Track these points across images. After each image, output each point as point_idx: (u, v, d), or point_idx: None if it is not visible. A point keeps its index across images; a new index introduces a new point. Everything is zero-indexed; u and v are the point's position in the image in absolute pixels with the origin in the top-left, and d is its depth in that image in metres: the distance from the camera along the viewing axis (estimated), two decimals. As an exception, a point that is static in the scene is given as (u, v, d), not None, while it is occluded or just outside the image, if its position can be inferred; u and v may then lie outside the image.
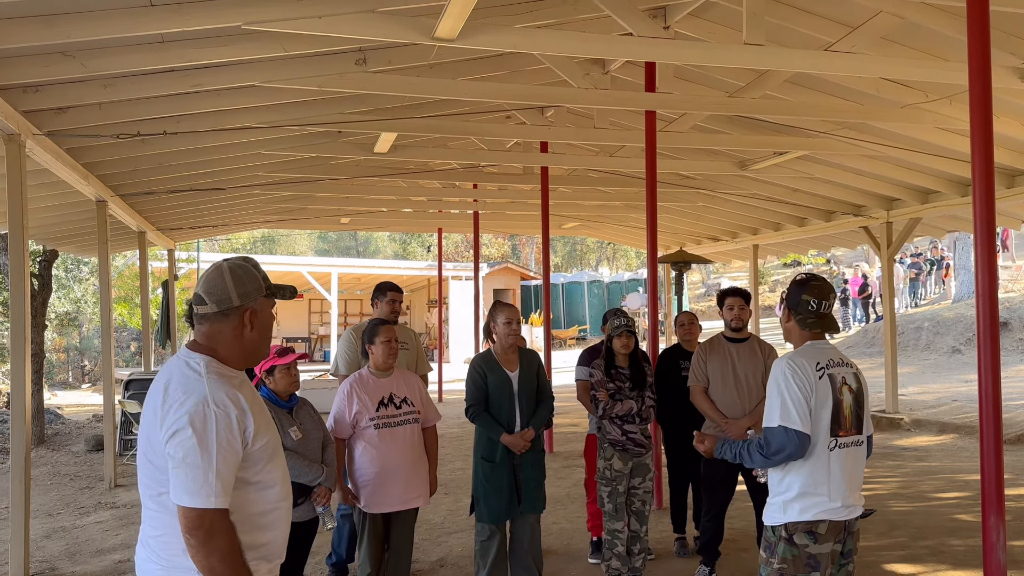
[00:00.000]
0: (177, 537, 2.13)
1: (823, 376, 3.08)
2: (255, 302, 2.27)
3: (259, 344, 2.31)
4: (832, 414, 3.06)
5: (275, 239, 45.35)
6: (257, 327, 2.28)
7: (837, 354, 3.21)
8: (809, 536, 3.04)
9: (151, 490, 2.20)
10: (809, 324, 3.19)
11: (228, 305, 2.23)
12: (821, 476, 3.04)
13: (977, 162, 4.04)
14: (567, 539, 6.29)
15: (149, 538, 2.22)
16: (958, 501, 7.34)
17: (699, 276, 39.15)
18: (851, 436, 3.11)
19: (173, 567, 2.18)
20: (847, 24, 5.83)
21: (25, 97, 5.60)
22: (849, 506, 3.09)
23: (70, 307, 19.65)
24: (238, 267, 2.27)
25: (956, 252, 23.08)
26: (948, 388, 14.49)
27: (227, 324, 2.24)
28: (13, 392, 5.70)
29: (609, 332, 5.16)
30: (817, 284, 3.21)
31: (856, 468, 3.14)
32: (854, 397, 3.14)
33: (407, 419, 4.49)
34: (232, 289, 2.24)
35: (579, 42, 5.52)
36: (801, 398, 3.02)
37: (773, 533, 3.11)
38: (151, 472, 2.18)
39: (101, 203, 8.67)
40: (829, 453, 3.05)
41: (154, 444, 2.16)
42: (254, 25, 4.71)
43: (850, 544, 3.16)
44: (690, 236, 16.55)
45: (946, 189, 9.85)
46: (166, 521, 2.16)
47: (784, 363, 3.10)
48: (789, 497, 3.07)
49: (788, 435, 3.01)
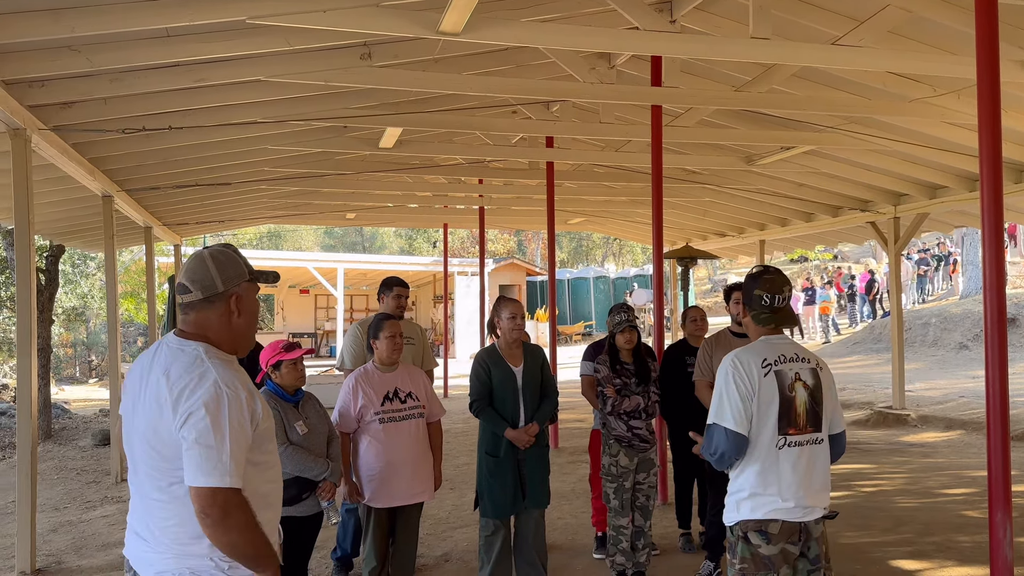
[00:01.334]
0: (190, 524, 2.16)
1: (768, 373, 2.99)
2: (239, 287, 2.29)
3: (247, 329, 2.33)
4: (780, 412, 2.97)
5: (281, 234, 45.41)
6: (244, 312, 2.31)
7: (792, 349, 3.10)
8: (761, 536, 2.96)
9: (159, 481, 2.21)
10: (763, 319, 3.09)
11: (213, 291, 2.26)
12: (771, 475, 2.96)
13: (985, 157, 4.01)
14: (572, 534, 6.28)
15: (156, 529, 2.23)
16: (965, 497, 7.31)
17: (705, 272, 39.10)
18: (806, 434, 3.01)
19: (185, 555, 2.20)
20: (854, 18, 5.79)
21: (31, 92, 5.61)
22: (805, 507, 2.98)
23: (77, 302, 19.72)
24: (220, 253, 2.30)
25: (964, 248, 22.98)
26: (955, 384, 14.43)
27: (213, 310, 2.27)
28: (20, 387, 5.72)
29: (612, 328, 5.15)
30: (770, 277, 3.11)
31: (813, 467, 3.02)
32: (809, 394, 3.03)
33: (412, 414, 4.49)
34: (216, 275, 2.26)
35: (585, 36, 5.51)
36: (738, 398, 2.95)
37: (731, 533, 3.06)
38: (158, 463, 2.19)
39: (107, 198, 8.69)
40: (778, 451, 2.96)
41: (162, 433, 2.17)
42: (259, 19, 4.71)
43: (816, 549, 3.02)
44: (696, 232, 16.52)
45: (954, 184, 9.80)
46: (177, 510, 2.18)
47: (728, 361, 3.04)
48: (742, 496, 3.01)
49: (719, 433, 2.96)
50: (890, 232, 11.54)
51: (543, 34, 5.41)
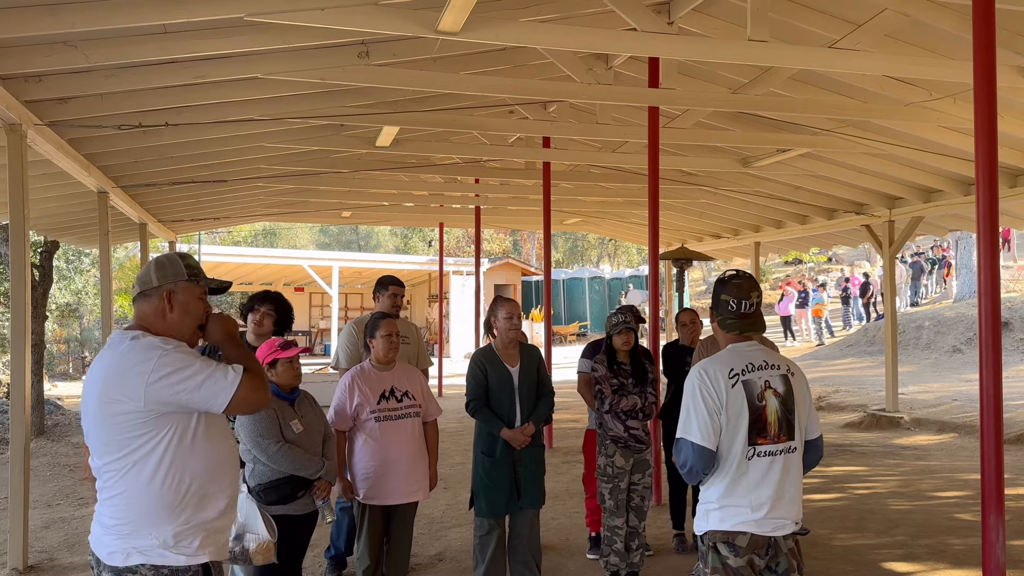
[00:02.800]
0: (135, 505, 2.36)
1: (736, 384, 2.89)
2: (173, 284, 2.50)
3: (181, 326, 2.52)
4: (750, 422, 2.88)
5: (276, 232, 45.34)
6: (176, 308, 2.50)
7: (762, 356, 2.98)
8: (728, 548, 2.88)
9: (103, 459, 2.38)
10: (728, 325, 2.98)
11: (148, 286, 2.51)
12: (739, 486, 2.88)
13: (981, 161, 4.02)
14: (566, 535, 6.29)
15: (105, 511, 2.40)
16: (958, 500, 7.34)
17: (700, 273, 39.14)
18: (779, 443, 2.92)
19: (130, 534, 2.36)
20: (852, 21, 5.80)
21: (27, 87, 5.59)
22: (776, 519, 2.89)
23: (71, 298, 19.65)
24: (164, 256, 2.58)
25: (958, 251, 23.05)
26: (948, 387, 14.47)
27: (148, 304, 2.51)
28: (13, 382, 5.70)
29: (609, 329, 5.16)
30: (737, 282, 2.99)
31: (786, 478, 2.92)
32: (781, 401, 2.93)
33: (408, 412, 4.49)
34: (153, 273, 2.52)
35: (582, 37, 5.51)
36: (705, 411, 2.85)
37: (701, 542, 2.98)
38: (104, 442, 2.37)
39: (102, 194, 8.66)
40: (747, 462, 2.88)
41: (101, 412, 2.36)
42: (256, 16, 4.70)
43: (784, 564, 2.93)
44: (692, 233, 16.54)
45: (949, 188, 9.83)
46: (120, 489, 2.37)
47: (695, 372, 2.94)
48: (711, 506, 2.94)
49: (687, 447, 2.87)
50: (884, 235, 11.57)
51: (541, 34, 5.41)
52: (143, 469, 2.35)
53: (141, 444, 2.35)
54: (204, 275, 2.59)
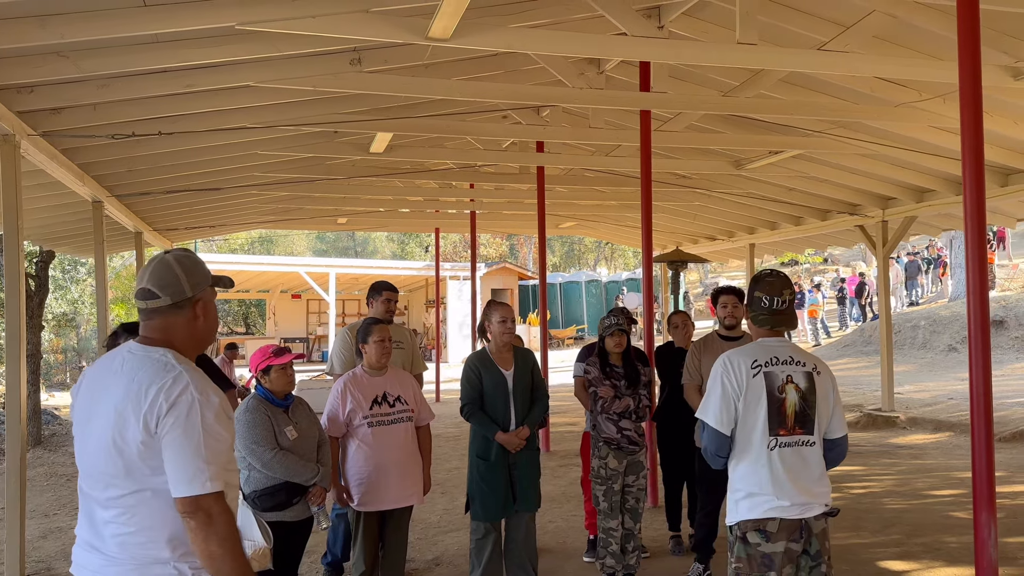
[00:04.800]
0: (153, 532, 2.15)
1: (757, 374, 3.03)
2: (204, 292, 2.29)
3: (208, 334, 2.33)
4: (768, 412, 3.01)
5: (273, 239, 45.31)
6: (208, 317, 2.30)
7: (788, 352, 3.13)
8: (760, 535, 3.00)
9: (119, 491, 2.17)
10: (761, 320, 3.15)
11: (182, 296, 2.24)
12: (763, 475, 3.00)
13: (968, 160, 4.05)
14: (562, 537, 6.30)
15: (114, 542, 2.18)
16: (953, 498, 7.36)
17: (696, 275, 39.18)
18: (795, 435, 3.04)
19: (148, 564, 2.16)
20: (840, 23, 5.84)
21: (19, 97, 5.60)
22: (802, 504, 3.01)
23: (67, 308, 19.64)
24: (185, 258, 2.29)
25: (952, 250, 23.10)
26: (944, 386, 14.51)
27: (181, 316, 2.25)
28: (9, 393, 5.70)
29: (601, 331, 5.18)
30: (770, 280, 3.16)
31: (807, 467, 3.05)
32: (800, 396, 3.05)
33: (401, 417, 4.50)
34: (184, 281, 2.24)
35: (573, 42, 5.54)
36: (722, 396, 3.02)
37: (730, 533, 3.12)
38: (119, 473, 2.15)
39: (97, 204, 8.67)
40: (769, 452, 3.01)
41: (125, 443, 2.13)
42: (247, 25, 4.72)
43: (817, 545, 3.05)
44: (687, 236, 16.58)
45: (941, 188, 9.87)
46: (138, 520, 2.16)
47: (721, 360, 3.11)
48: (739, 496, 3.06)
49: (705, 429, 3.06)
50: (878, 235, 11.61)
51: (532, 40, 5.44)
52: (157, 500, 2.15)
53: (161, 482, 2.14)
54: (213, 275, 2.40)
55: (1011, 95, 6.76)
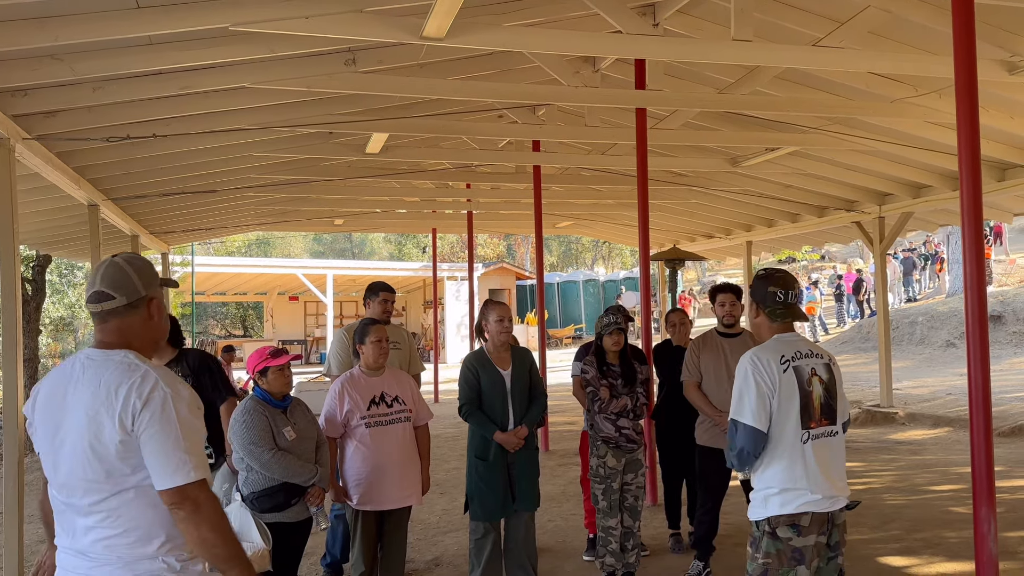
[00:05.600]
0: (136, 530, 2.18)
1: (788, 370, 3.07)
2: (156, 291, 2.34)
3: (161, 332, 2.37)
4: (801, 407, 3.06)
5: (270, 242, 45.28)
6: (160, 315, 2.35)
7: (806, 345, 3.20)
8: (792, 529, 3.02)
9: (99, 495, 2.18)
10: (778, 315, 3.20)
11: (137, 296, 2.28)
12: (799, 470, 3.04)
13: (964, 155, 4.05)
14: (562, 537, 6.29)
15: (98, 546, 2.20)
16: (952, 494, 7.36)
17: (694, 274, 39.18)
18: (823, 427, 3.11)
19: (133, 562, 2.19)
20: (835, 19, 5.83)
21: (14, 101, 5.58)
22: (831, 497, 3.08)
23: (65, 312, 19.61)
24: (134, 259, 2.34)
25: (949, 246, 23.11)
26: (942, 382, 14.52)
27: (136, 316, 2.28)
28: (6, 398, 5.68)
29: (599, 330, 5.17)
30: (781, 275, 3.24)
31: (834, 458, 3.13)
32: (824, 388, 3.14)
33: (399, 417, 4.50)
34: (137, 280, 2.29)
35: (568, 40, 5.54)
36: (757, 394, 3.02)
37: (757, 528, 3.11)
38: (98, 477, 2.17)
39: (93, 207, 8.64)
40: (803, 446, 3.05)
41: (102, 447, 2.15)
42: (241, 26, 4.71)
43: (836, 536, 3.13)
44: (684, 234, 16.58)
45: (937, 183, 9.88)
46: (120, 522, 2.18)
47: (747, 359, 3.11)
48: (771, 492, 3.07)
49: (741, 430, 3.04)
50: (875, 232, 11.61)
51: (526, 38, 5.43)
52: (141, 498, 2.18)
53: (141, 479, 2.17)
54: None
55: (1007, 89, 6.76)
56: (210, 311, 36.53)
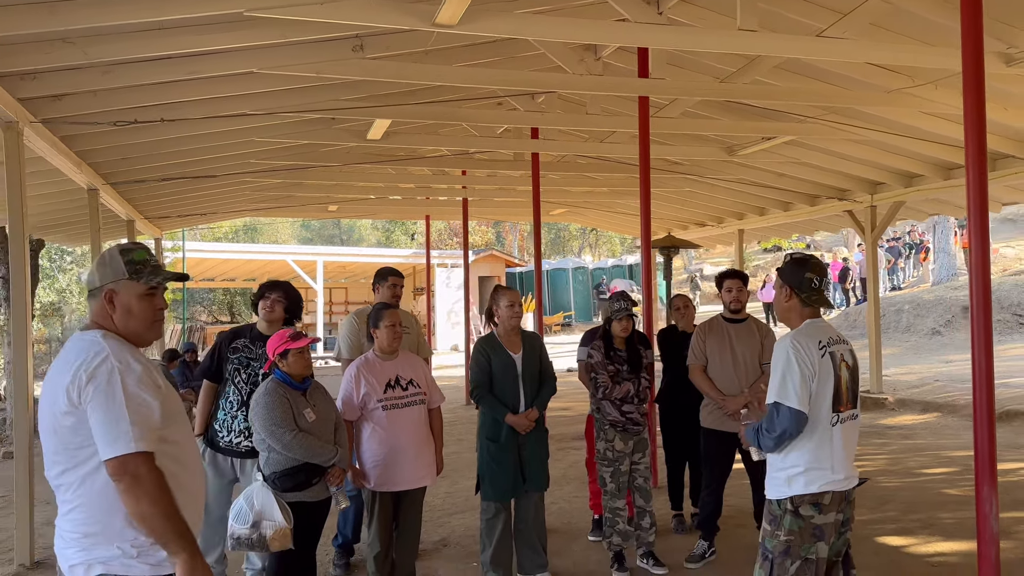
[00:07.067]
0: (94, 511, 2.23)
1: (825, 354, 3.18)
2: (115, 284, 2.37)
3: (128, 325, 2.38)
4: (833, 391, 3.17)
5: (257, 228, 45.01)
6: (119, 309, 2.37)
7: (834, 332, 3.32)
8: (815, 508, 3.14)
9: (60, 467, 2.26)
10: (813, 301, 3.28)
11: (92, 286, 2.40)
12: (825, 451, 3.15)
13: (971, 145, 4.16)
14: (567, 518, 6.40)
15: (64, 521, 2.28)
16: (945, 476, 7.53)
17: (680, 262, 39.31)
18: (848, 410, 3.23)
19: (91, 545, 2.24)
20: (838, 10, 5.91)
21: (23, 84, 5.59)
22: (849, 476, 3.21)
23: (55, 297, 19.49)
24: (106, 252, 2.43)
25: (935, 236, 23.36)
26: (930, 368, 14.74)
27: (96, 303, 2.39)
28: (16, 381, 5.72)
29: (609, 315, 5.24)
30: (816, 261, 3.32)
31: (853, 440, 3.29)
32: (850, 373, 3.26)
33: (414, 400, 4.57)
34: (95, 272, 2.41)
35: (577, 28, 5.59)
36: (800, 377, 3.10)
37: (778, 506, 3.19)
38: (59, 450, 2.26)
39: (93, 191, 8.64)
40: (832, 428, 3.17)
41: (58, 419, 2.24)
42: (257, 11, 4.74)
43: (848, 512, 3.26)
44: (676, 222, 16.67)
45: (929, 173, 10.02)
46: (79, 499, 2.25)
47: (788, 342, 3.19)
48: (795, 472, 3.16)
49: (781, 412, 3.11)
50: (867, 220, 11.76)
51: (536, 26, 5.48)
52: (96, 479, 2.22)
53: (91, 454, 2.22)
54: (152, 269, 2.41)
55: (1003, 81, 6.88)
56: (197, 297, 36.34)
